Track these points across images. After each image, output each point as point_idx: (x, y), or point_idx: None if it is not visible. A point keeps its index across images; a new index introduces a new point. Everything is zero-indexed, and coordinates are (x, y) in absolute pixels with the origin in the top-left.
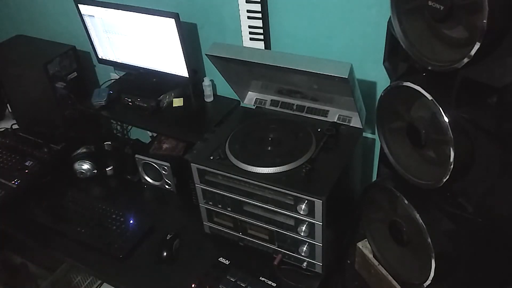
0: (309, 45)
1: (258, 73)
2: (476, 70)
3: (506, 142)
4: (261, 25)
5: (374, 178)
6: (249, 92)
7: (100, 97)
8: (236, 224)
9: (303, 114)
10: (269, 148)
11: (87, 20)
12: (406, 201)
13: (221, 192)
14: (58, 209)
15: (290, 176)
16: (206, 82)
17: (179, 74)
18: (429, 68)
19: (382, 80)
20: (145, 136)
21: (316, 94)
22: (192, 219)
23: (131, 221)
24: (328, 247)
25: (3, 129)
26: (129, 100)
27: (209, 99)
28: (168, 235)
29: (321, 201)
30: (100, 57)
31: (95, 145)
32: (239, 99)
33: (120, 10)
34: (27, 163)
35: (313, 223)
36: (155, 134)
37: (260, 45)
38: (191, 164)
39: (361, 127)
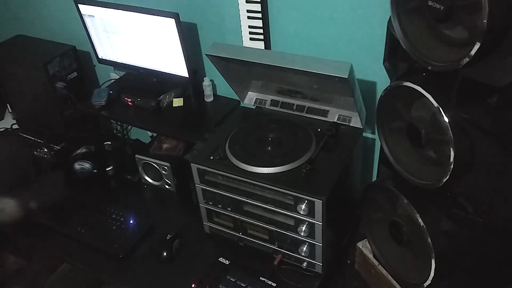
0: (309, 45)
1: (258, 73)
2: (476, 70)
3: (506, 142)
4: (261, 25)
5: (374, 178)
6: (249, 92)
7: (100, 97)
8: (236, 224)
9: (303, 114)
10: (269, 148)
11: (87, 20)
12: (406, 201)
13: (221, 192)
14: (58, 209)
15: (290, 176)
16: (206, 82)
17: (179, 74)
18: (429, 68)
19: (382, 80)
20: (145, 136)
21: (316, 94)
22: (192, 219)
23: (131, 221)
24: (328, 247)
25: (3, 129)
26: (129, 100)
27: (209, 99)
28: (168, 235)
29: (321, 201)
30: (100, 57)
31: (95, 145)
32: (239, 99)
33: (120, 10)
34: None
35: (313, 223)
36: (155, 134)
37: (260, 45)
38: (191, 164)
39: (361, 127)
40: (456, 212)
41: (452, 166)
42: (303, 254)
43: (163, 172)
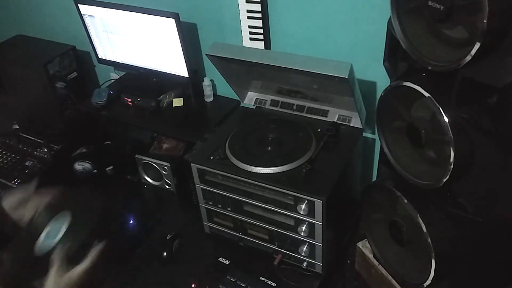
0: (309, 45)
1: (258, 73)
2: (476, 70)
3: (506, 142)
4: (261, 25)
5: (374, 178)
6: (249, 92)
7: (100, 97)
8: (236, 224)
9: (303, 114)
10: (269, 148)
11: (87, 20)
12: (406, 201)
13: (221, 192)
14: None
15: (290, 176)
16: (206, 82)
17: (179, 74)
18: (429, 68)
19: (382, 80)
20: (145, 136)
21: (316, 94)
22: (192, 219)
23: (131, 221)
24: (328, 247)
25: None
26: (129, 100)
27: (209, 99)
28: (168, 235)
29: (321, 201)
30: (100, 57)
31: (95, 145)
32: (239, 99)
33: (120, 10)
34: (27, 163)
35: (313, 223)
36: (155, 134)
37: (260, 45)
38: (191, 164)
39: (361, 127)
40: (456, 212)
41: (452, 166)
42: (303, 254)
43: (163, 172)
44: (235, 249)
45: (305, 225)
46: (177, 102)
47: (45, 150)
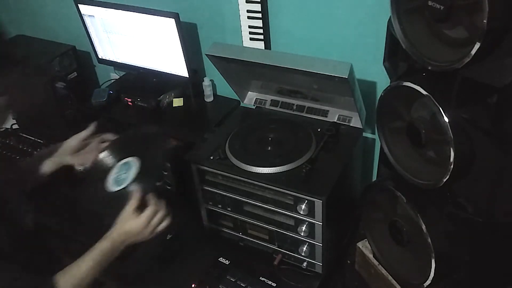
0: (309, 45)
1: (258, 73)
2: (476, 70)
3: (505, 142)
4: (261, 25)
5: (374, 178)
6: (249, 92)
7: (100, 97)
8: (236, 224)
9: (303, 114)
10: (269, 148)
11: (87, 20)
12: (406, 201)
13: (221, 192)
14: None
15: (290, 176)
16: (206, 82)
17: (179, 74)
18: (429, 68)
19: (382, 80)
20: None
21: (316, 94)
22: (192, 219)
23: None
24: (328, 247)
25: (3, 129)
26: (129, 100)
27: (209, 99)
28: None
29: (321, 201)
30: (100, 57)
31: None
32: (239, 99)
33: (120, 10)
34: None
35: (313, 223)
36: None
37: (260, 45)
38: (191, 164)
39: (361, 127)
40: (456, 212)
41: (452, 166)
42: (303, 254)
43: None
44: (235, 249)
45: (305, 225)
46: (177, 102)
47: None
